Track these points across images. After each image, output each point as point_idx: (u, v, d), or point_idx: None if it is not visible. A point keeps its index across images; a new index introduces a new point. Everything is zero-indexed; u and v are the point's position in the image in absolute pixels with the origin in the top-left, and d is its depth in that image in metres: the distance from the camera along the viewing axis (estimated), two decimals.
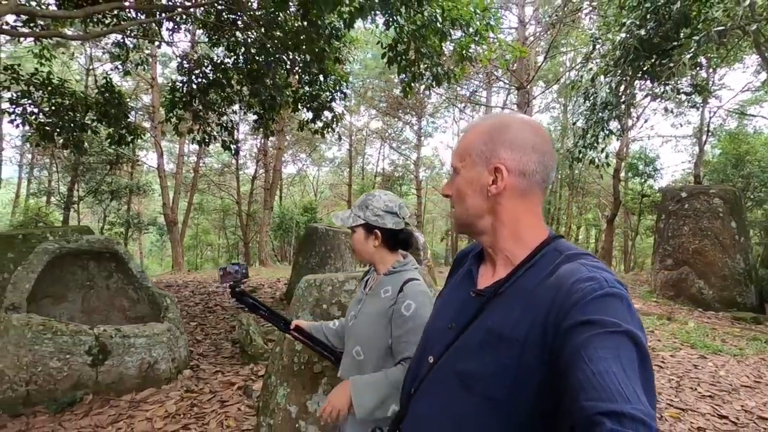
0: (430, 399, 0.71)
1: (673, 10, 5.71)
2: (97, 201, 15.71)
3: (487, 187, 0.69)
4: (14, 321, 2.49)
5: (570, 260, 0.63)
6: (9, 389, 2.50)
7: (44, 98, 6.39)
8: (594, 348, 0.49)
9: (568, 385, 0.50)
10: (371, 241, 1.32)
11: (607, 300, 0.54)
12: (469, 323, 0.68)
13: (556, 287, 0.59)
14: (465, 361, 0.65)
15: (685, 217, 5.83)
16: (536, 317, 0.59)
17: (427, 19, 4.99)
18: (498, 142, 0.69)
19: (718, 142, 16.06)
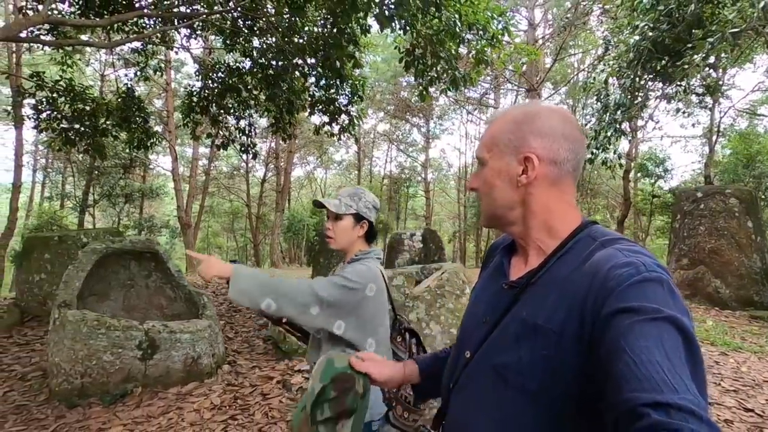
0: (468, 393, 0.70)
1: (687, 12, 5.78)
2: (110, 204, 15.96)
3: (517, 177, 0.68)
4: (70, 317, 2.62)
5: (605, 246, 0.61)
6: (65, 381, 2.63)
7: (67, 104, 6.56)
8: (635, 336, 0.47)
9: (609, 377, 0.48)
10: (357, 230, 1.41)
11: (645, 285, 0.52)
12: (503, 315, 0.67)
13: (592, 274, 0.57)
14: (501, 354, 0.64)
15: (700, 217, 5.88)
16: (572, 306, 0.58)
17: (444, 24, 5.10)
18: (527, 131, 0.68)
19: (728, 142, 16.02)
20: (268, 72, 6.41)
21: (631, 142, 14.26)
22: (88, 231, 4.79)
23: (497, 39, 5.44)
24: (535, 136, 0.67)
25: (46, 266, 4.47)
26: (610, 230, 0.67)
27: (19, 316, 4.36)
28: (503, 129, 0.70)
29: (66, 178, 17.86)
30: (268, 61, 6.42)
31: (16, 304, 4.57)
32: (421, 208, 28.37)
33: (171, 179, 23.18)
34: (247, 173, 21.43)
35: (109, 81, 16.79)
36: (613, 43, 7.24)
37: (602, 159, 7.91)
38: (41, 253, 4.48)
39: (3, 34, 4.46)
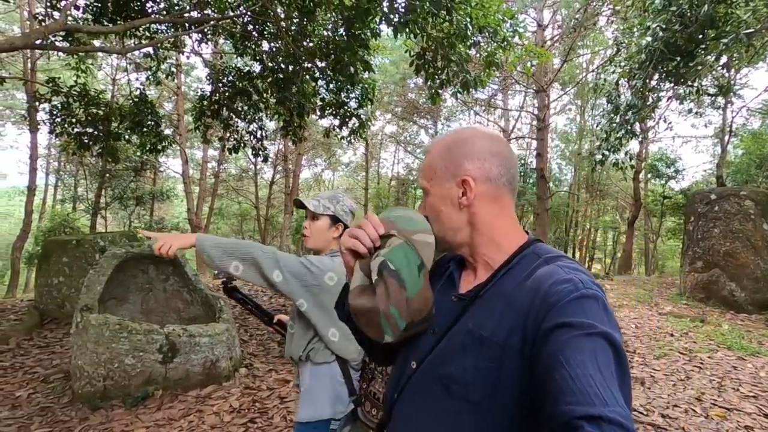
0: (412, 403, 0.71)
1: (700, 13, 5.74)
2: (122, 207, 16.17)
3: (459, 199, 0.71)
4: (93, 320, 2.67)
5: (548, 263, 0.64)
6: (88, 384, 2.68)
7: (81, 109, 6.66)
8: (571, 351, 0.50)
9: (547, 389, 0.50)
10: (332, 231, 1.47)
11: (583, 301, 0.55)
12: (451, 327, 0.68)
13: (535, 290, 0.60)
14: (446, 364, 0.66)
15: (715, 219, 5.83)
16: (516, 320, 0.60)
17: (455, 27, 5.11)
18: (459, 155, 0.72)
19: (740, 142, 15.82)
20: (278, 76, 6.46)
21: (641, 143, 14.14)
22: (104, 235, 4.87)
23: (508, 42, 5.44)
24: (468, 159, 0.71)
25: (64, 269, 4.54)
26: (553, 248, 0.70)
27: (38, 319, 4.43)
28: (438, 157, 0.74)
29: (78, 181, 18.12)
30: (278, 64, 6.47)
31: (36, 306, 4.66)
32: None
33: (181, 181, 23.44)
34: (255, 175, 21.59)
35: (120, 85, 17.03)
36: (625, 44, 7.19)
37: (613, 160, 7.86)
38: (59, 256, 4.56)
39: (22, 42, 4.55)
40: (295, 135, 7.45)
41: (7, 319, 4.81)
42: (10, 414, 2.61)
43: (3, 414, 2.60)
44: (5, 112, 19.48)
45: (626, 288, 7.30)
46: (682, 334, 4.51)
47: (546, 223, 12.79)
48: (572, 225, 19.19)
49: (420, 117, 21.95)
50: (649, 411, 2.77)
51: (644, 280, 9.43)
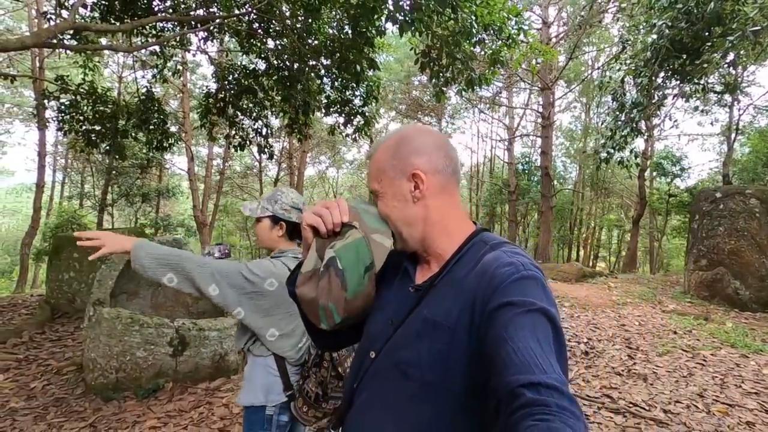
0: (370, 391, 0.73)
1: (707, 10, 5.72)
2: (128, 203, 16.31)
3: (411, 193, 0.74)
4: (105, 314, 2.74)
5: (493, 249, 0.68)
6: (101, 376, 2.75)
7: (89, 106, 6.74)
8: (514, 327, 0.54)
9: (494, 364, 0.53)
10: (276, 231, 1.50)
11: (523, 282, 0.60)
12: (407, 316, 0.72)
13: (481, 274, 0.64)
14: (403, 350, 0.69)
15: (720, 217, 5.82)
16: (465, 303, 0.64)
17: (461, 25, 5.12)
18: (406, 152, 0.75)
19: (747, 140, 15.71)
20: (284, 73, 6.51)
21: (646, 141, 14.07)
22: (115, 231, 4.94)
23: (513, 39, 5.45)
24: (415, 155, 0.75)
25: (75, 265, 4.63)
26: (498, 236, 0.75)
27: (49, 313, 4.52)
28: (384, 158, 0.77)
29: (85, 178, 18.29)
30: (284, 62, 6.51)
31: (47, 301, 4.75)
32: None
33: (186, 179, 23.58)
34: (260, 172, 21.70)
35: (127, 83, 17.15)
36: (631, 41, 7.17)
37: (618, 158, 7.85)
38: (70, 252, 4.64)
39: (32, 41, 4.62)
40: (301, 133, 7.50)
41: (18, 314, 4.91)
42: (26, 404, 2.68)
43: (19, 404, 2.68)
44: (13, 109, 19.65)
45: (630, 286, 7.31)
46: (686, 332, 4.53)
47: (550, 220, 12.79)
48: (577, 223, 19.15)
49: (424, 115, 21.94)
50: (652, 406, 2.80)
51: (648, 279, 9.42)
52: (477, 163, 24.13)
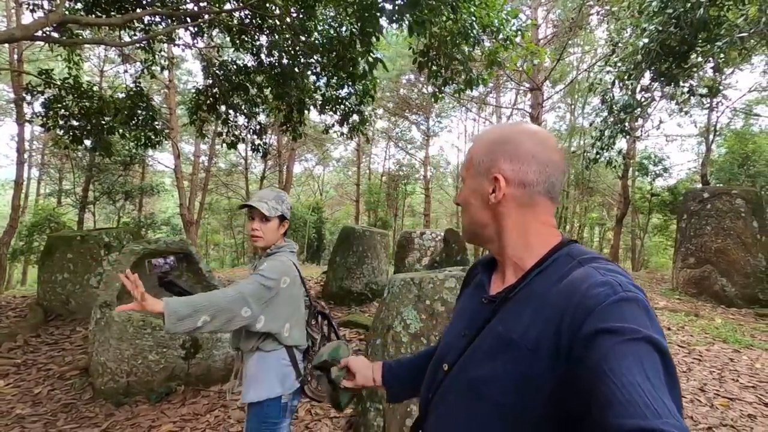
0: (444, 406, 0.71)
1: (696, 16, 5.90)
2: (110, 201, 15.89)
3: (488, 196, 0.71)
4: (116, 317, 2.67)
5: (582, 265, 0.62)
6: (111, 380, 2.69)
7: (74, 102, 6.54)
8: (615, 359, 0.47)
9: (591, 401, 0.48)
10: (280, 229, 1.62)
11: (623, 305, 0.53)
12: (481, 329, 0.68)
13: (569, 293, 0.58)
14: (476, 367, 0.66)
15: (707, 217, 6.02)
16: (547, 323, 0.58)
17: (460, 26, 5.16)
18: (499, 153, 0.71)
19: (724, 142, 16.28)
20: (276, 70, 6.43)
21: (631, 142, 14.43)
22: (109, 231, 4.82)
23: (511, 41, 5.52)
24: (506, 159, 0.70)
25: (69, 266, 4.49)
26: (589, 249, 0.68)
27: (42, 316, 4.38)
28: (479, 150, 0.74)
29: (64, 174, 17.73)
30: (278, 59, 6.43)
31: (39, 303, 4.60)
32: (418, 205, 28.53)
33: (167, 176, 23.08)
34: (246, 170, 21.42)
35: (108, 77, 16.68)
36: (621, 44, 7.34)
37: (606, 158, 8.05)
38: (64, 252, 4.51)
39: (21, 34, 4.47)
40: (295, 131, 7.44)
41: (5, 316, 4.73)
42: (32, 411, 2.60)
43: (26, 411, 2.59)
44: None
45: None
46: (679, 328, 4.68)
47: None
48: (562, 221, 19.52)
49: (411, 113, 22.01)
50: None
51: (634, 276, 9.67)
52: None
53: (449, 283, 2.08)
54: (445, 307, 2.05)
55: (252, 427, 1.54)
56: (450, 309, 2.04)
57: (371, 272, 5.54)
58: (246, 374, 1.55)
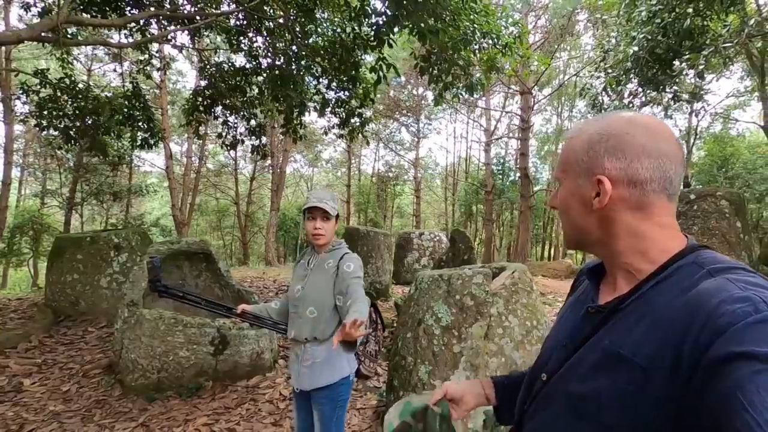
0: (540, 418, 0.67)
1: (683, 26, 6.22)
2: (98, 202, 15.67)
3: (591, 200, 0.63)
4: (147, 315, 2.75)
5: (713, 275, 0.53)
6: (141, 377, 2.76)
7: (69, 102, 6.52)
8: (756, 389, 0.41)
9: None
10: (336, 226, 1.76)
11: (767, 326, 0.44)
12: (584, 342, 0.63)
13: (695, 307, 0.50)
14: (577, 382, 0.60)
15: (694, 217, 6.32)
16: (666, 341, 0.51)
17: (462, 33, 5.33)
18: (601, 151, 0.62)
19: (704, 145, 16.90)
20: (275, 72, 6.50)
21: None
22: (118, 231, 4.84)
23: (509, 47, 5.72)
24: (609, 156, 0.61)
25: (78, 267, 4.51)
26: (724, 256, 0.58)
27: (53, 317, 4.39)
28: (577, 148, 0.65)
29: (49, 175, 17.38)
30: (275, 62, 6.50)
31: (47, 304, 4.60)
32: (406, 206, 28.76)
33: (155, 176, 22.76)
34: (235, 170, 21.30)
35: (97, 76, 16.43)
36: (612, 51, 7.64)
37: None
38: (73, 253, 4.52)
39: (28, 35, 4.49)
40: (296, 132, 7.52)
41: (9, 318, 4.72)
42: (65, 407, 2.66)
43: (59, 407, 2.65)
44: None
45: None
46: None
47: (528, 220, 13.31)
48: (549, 221, 19.96)
49: (401, 115, 22.19)
50: None
51: None
52: (452, 162, 24.68)
53: (477, 279, 2.24)
54: (474, 301, 2.20)
55: (326, 410, 1.67)
56: (479, 303, 2.19)
57: (375, 272, 5.66)
58: (313, 361, 1.66)
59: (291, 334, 1.72)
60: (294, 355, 1.74)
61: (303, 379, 1.68)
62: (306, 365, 1.67)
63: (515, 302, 2.23)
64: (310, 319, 1.66)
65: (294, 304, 1.73)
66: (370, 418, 2.59)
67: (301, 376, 1.68)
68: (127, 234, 4.78)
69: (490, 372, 2.14)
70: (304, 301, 1.68)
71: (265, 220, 21.79)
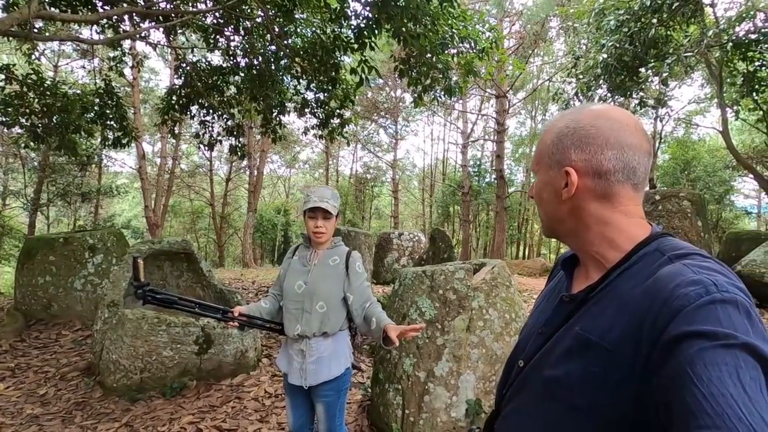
0: (517, 403, 0.70)
1: (648, 35, 6.55)
2: (65, 203, 15.11)
3: (561, 191, 0.66)
4: (129, 315, 2.72)
5: (672, 261, 0.57)
6: (124, 377, 2.73)
7: (35, 99, 6.32)
8: (704, 365, 0.43)
9: (672, 409, 0.44)
10: (336, 224, 1.80)
11: (717, 306, 0.47)
12: (558, 328, 0.66)
13: (654, 293, 0.53)
14: (551, 367, 0.63)
15: (658, 217, 6.66)
16: (630, 325, 0.54)
17: (440, 37, 5.46)
18: (568, 143, 0.65)
19: (668, 148, 17.70)
20: (254, 72, 6.48)
21: None
22: (93, 232, 4.72)
23: (486, 52, 5.89)
24: (576, 149, 0.65)
25: (51, 268, 4.38)
26: (684, 243, 0.62)
27: (23, 321, 4.25)
28: (548, 142, 0.69)
29: (12, 174, 16.61)
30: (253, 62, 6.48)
31: (17, 307, 4.45)
32: (385, 207, 28.90)
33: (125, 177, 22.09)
34: (210, 171, 20.91)
35: (62, 71, 15.85)
36: (583, 57, 7.96)
37: None
38: (45, 255, 4.39)
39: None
40: (275, 133, 7.49)
41: None
42: (44, 410, 2.61)
43: (36, 410, 2.60)
44: None
45: None
46: None
47: (504, 220, 13.64)
48: (523, 222, 20.45)
49: (380, 116, 22.31)
50: None
51: None
52: (430, 164, 24.97)
53: (459, 274, 2.33)
54: (456, 295, 2.29)
55: (332, 401, 1.72)
56: (461, 297, 2.29)
57: None
58: (320, 356, 1.69)
59: (297, 330, 1.69)
60: (295, 351, 1.72)
61: (308, 375, 1.68)
62: (311, 360, 1.68)
63: (495, 296, 2.34)
64: (320, 313, 1.68)
65: (295, 300, 1.72)
66: (356, 412, 2.66)
67: (307, 371, 1.68)
68: (102, 235, 4.67)
69: (472, 363, 2.24)
70: (312, 296, 1.69)
71: (241, 221, 21.48)
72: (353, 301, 1.72)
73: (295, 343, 1.73)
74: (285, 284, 1.78)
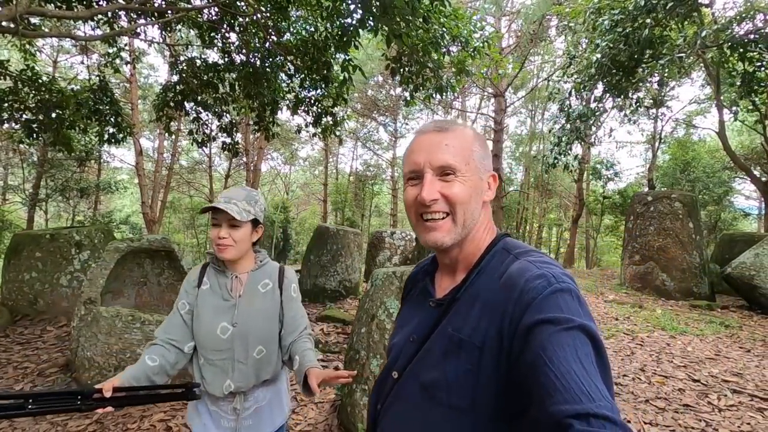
0: (395, 413, 0.70)
1: (642, 36, 6.51)
2: (64, 199, 15.17)
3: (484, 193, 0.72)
4: (104, 312, 2.74)
5: (518, 258, 0.64)
6: (98, 374, 2.75)
7: (31, 94, 6.33)
8: (553, 348, 0.50)
9: (533, 390, 0.50)
10: (253, 236, 1.34)
11: (558, 296, 0.55)
12: (430, 333, 0.68)
13: (509, 287, 0.59)
14: (428, 371, 0.64)
15: (650, 218, 6.64)
16: (492, 320, 0.59)
17: (432, 36, 5.44)
18: (486, 151, 0.73)
19: (668, 149, 17.61)
20: (249, 69, 6.48)
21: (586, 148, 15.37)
22: (80, 229, 4.74)
23: (478, 51, 5.87)
24: (489, 157, 0.74)
25: (37, 264, 4.40)
26: (521, 242, 0.71)
27: (9, 316, 4.28)
28: (472, 146, 0.71)
29: (11, 170, 16.70)
30: (249, 59, 6.48)
31: (3, 303, 4.47)
32: (384, 205, 28.90)
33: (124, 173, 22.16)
34: (209, 168, 20.95)
35: (61, 67, 15.90)
36: (578, 57, 7.92)
37: (564, 163, 8.66)
38: (32, 251, 4.41)
39: None
40: (268, 130, 7.49)
41: None
42: None
43: None
44: None
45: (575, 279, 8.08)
46: (625, 318, 5.18)
47: (501, 220, 13.62)
48: (522, 222, 20.41)
49: (379, 114, 22.30)
50: None
51: (587, 273, 10.39)
52: None
53: None
54: None
55: None
56: None
57: (345, 270, 5.73)
58: (258, 407, 1.35)
59: (228, 388, 1.28)
60: (225, 411, 1.32)
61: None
62: (247, 414, 1.33)
63: None
64: (257, 360, 1.30)
65: (217, 349, 1.28)
66: (327, 411, 2.66)
67: (243, 429, 1.32)
68: (89, 231, 4.69)
69: None
70: (246, 340, 1.28)
71: None
72: (284, 335, 1.36)
73: (223, 402, 1.32)
74: (199, 329, 1.30)
